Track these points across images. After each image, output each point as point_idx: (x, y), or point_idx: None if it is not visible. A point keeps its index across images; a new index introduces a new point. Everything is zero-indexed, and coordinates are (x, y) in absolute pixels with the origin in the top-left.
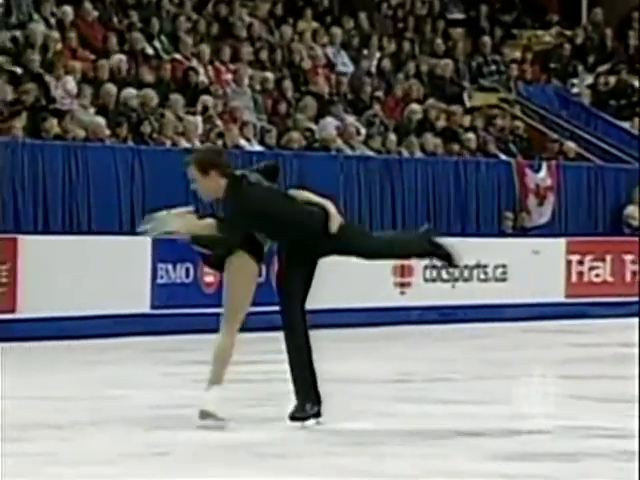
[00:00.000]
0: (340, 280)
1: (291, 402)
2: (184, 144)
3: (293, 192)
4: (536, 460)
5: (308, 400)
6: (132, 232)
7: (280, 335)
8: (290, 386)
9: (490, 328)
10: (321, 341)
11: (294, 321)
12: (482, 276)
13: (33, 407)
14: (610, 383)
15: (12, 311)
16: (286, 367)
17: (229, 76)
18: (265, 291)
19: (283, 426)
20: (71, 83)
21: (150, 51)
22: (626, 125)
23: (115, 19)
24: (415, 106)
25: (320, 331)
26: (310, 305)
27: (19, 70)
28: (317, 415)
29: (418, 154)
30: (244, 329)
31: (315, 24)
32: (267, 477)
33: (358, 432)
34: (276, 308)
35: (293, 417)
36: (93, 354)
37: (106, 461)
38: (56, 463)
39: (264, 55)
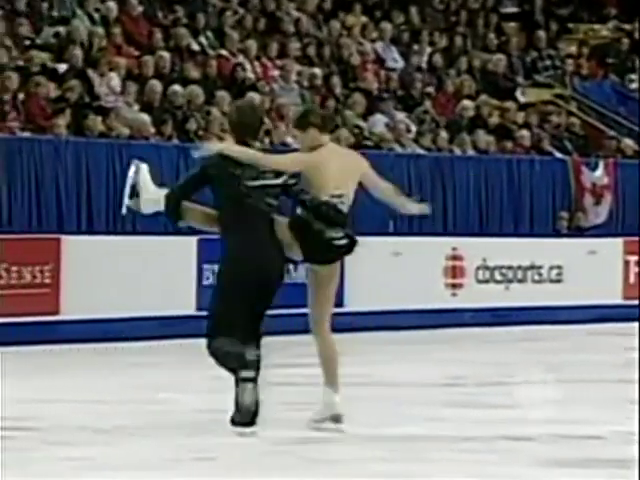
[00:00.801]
0: (390, 282)
1: (343, 407)
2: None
3: None
4: (588, 467)
5: None
6: (177, 232)
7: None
8: (346, 391)
9: (544, 331)
10: (371, 344)
11: None
12: (536, 277)
13: (77, 411)
14: None
15: (55, 313)
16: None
17: (276, 72)
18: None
19: (331, 431)
20: (115, 80)
21: (196, 47)
22: None
23: (160, 14)
24: (467, 102)
25: (370, 333)
26: (360, 308)
27: (63, 67)
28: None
29: (470, 152)
30: (288, 332)
31: (364, 19)
32: None
33: (407, 437)
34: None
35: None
36: (138, 357)
37: (151, 466)
38: (100, 468)
39: (312, 51)
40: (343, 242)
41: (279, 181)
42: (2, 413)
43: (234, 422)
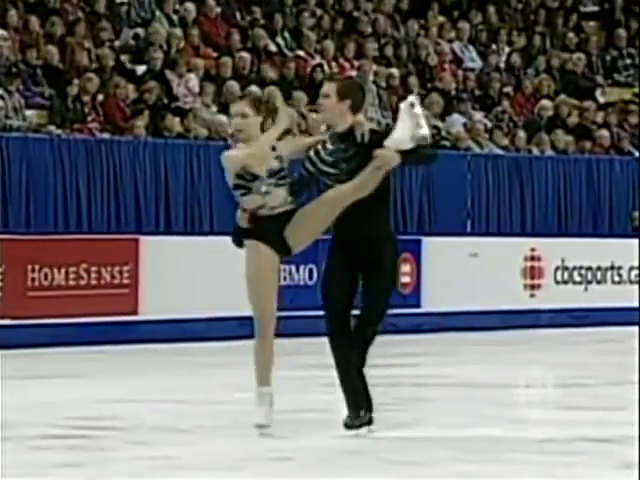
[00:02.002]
0: (467, 283)
1: (422, 407)
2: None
3: None
4: None
5: (360, 408)
6: None
7: (401, 339)
8: (425, 392)
9: (624, 332)
10: (450, 344)
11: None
12: (616, 278)
13: (156, 410)
14: None
15: (134, 313)
16: (413, 372)
17: (353, 73)
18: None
19: (411, 431)
20: (193, 81)
21: (273, 48)
22: None
23: (238, 15)
24: (546, 102)
25: (449, 334)
26: (437, 309)
27: (142, 68)
28: (369, 423)
29: (549, 152)
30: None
31: (442, 19)
32: None
33: (488, 438)
34: (394, 311)
35: (346, 426)
36: (216, 357)
37: (228, 467)
38: (179, 468)
39: (389, 51)
40: None
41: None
42: (83, 413)
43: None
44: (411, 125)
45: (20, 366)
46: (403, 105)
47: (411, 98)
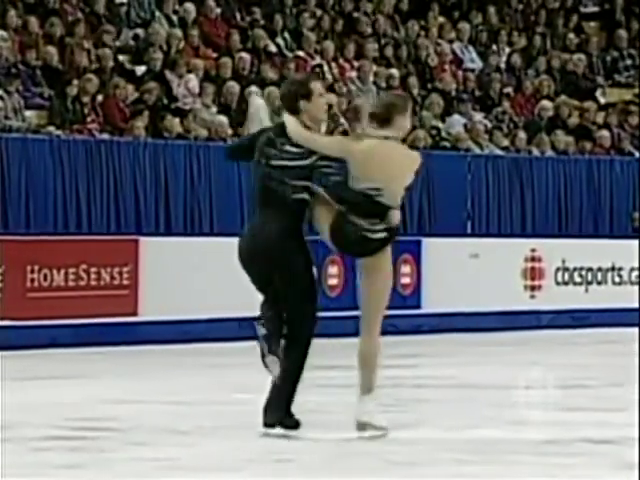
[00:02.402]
0: (468, 284)
1: (422, 409)
2: None
3: None
4: None
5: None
6: None
7: (401, 340)
8: (425, 393)
9: (625, 333)
10: (450, 345)
11: None
12: (617, 279)
13: (156, 411)
14: None
15: (134, 314)
16: (413, 373)
17: (353, 73)
18: None
19: (411, 433)
20: (193, 81)
21: (273, 48)
22: None
23: (238, 16)
24: (546, 103)
25: (449, 335)
26: (437, 309)
27: (141, 69)
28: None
29: (549, 153)
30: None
31: (442, 19)
32: None
33: (488, 440)
34: (394, 312)
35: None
36: (217, 358)
37: (229, 467)
38: (179, 468)
39: (389, 52)
40: (379, 235)
41: (305, 162)
42: (83, 414)
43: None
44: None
45: (20, 367)
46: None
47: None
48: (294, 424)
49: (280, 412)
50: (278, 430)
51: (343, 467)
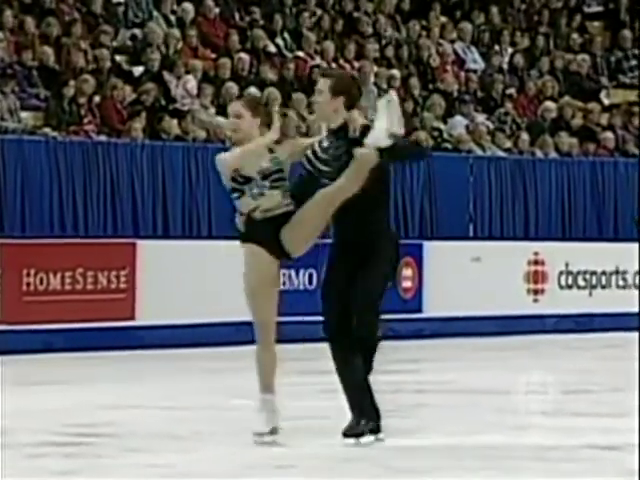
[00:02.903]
0: (470, 288)
1: (423, 414)
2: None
3: None
4: None
5: (363, 416)
6: None
7: (402, 345)
8: (426, 398)
9: (629, 338)
10: (452, 350)
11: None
12: (621, 282)
13: (153, 417)
14: None
15: (131, 318)
16: (414, 378)
17: (354, 74)
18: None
19: (413, 439)
20: (192, 82)
21: (272, 49)
22: None
23: (237, 16)
24: (549, 104)
25: (451, 340)
26: (439, 314)
27: (139, 70)
28: (375, 431)
29: (552, 154)
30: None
31: (444, 19)
32: None
33: (490, 445)
34: (395, 316)
35: (346, 434)
36: (214, 362)
37: (227, 474)
38: (175, 475)
39: (390, 52)
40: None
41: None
42: (79, 420)
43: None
44: (388, 122)
45: (15, 372)
46: (380, 102)
47: (388, 95)
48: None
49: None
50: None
51: (342, 473)
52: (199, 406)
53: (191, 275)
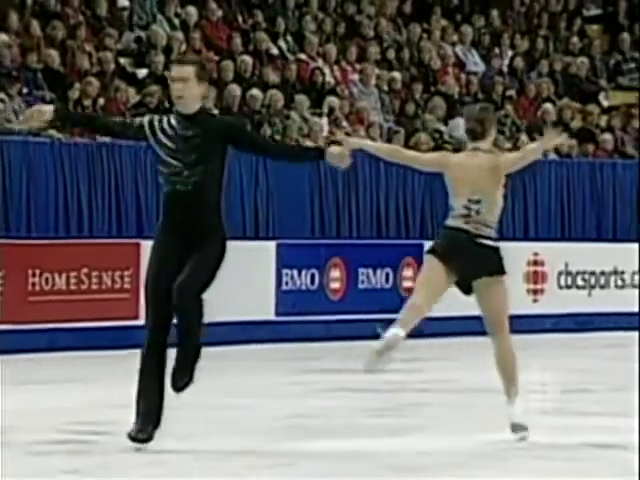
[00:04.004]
0: None
1: (425, 413)
2: (309, 145)
3: None
4: None
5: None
6: (256, 237)
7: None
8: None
9: (628, 337)
10: (452, 349)
11: None
12: (619, 283)
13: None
14: None
15: (135, 318)
16: (415, 377)
17: (356, 76)
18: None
19: (414, 437)
20: None
21: (275, 51)
22: None
23: (240, 19)
24: (549, 106)
25: (452, 339)
26: (441, 313)
27: (143, 72)
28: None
29: (552, 156)
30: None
31: (444, 22)
32: None
33: (490, 443)
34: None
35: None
36: (216, 361)
37: (229, 473)
38: (176, 474)
39: (392, 54)
40: None
41: None
42: (83, 418)
43: None
44: None
45: (20, 371)
46: None
47: None
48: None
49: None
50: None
51: (344, 472)
52: (199, 405)
53: None
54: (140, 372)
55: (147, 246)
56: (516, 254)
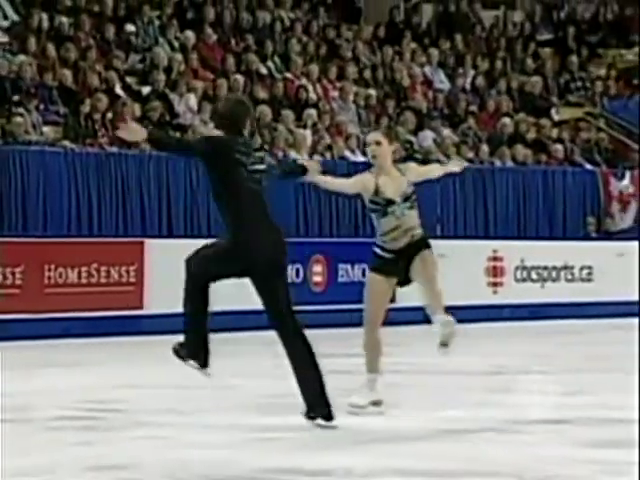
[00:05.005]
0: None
1: (397, 392)
2: (294, 155)
3: None
4: (623, 447)
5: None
6: None
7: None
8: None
9: (576, 325)
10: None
11: None
12: (569, 276)
13: (159, 395)
14: None
15: (139, 308)
16: (391, 360)
17: (336, 93)
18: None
19: (389, 414)
20: (193, 100)
21: (264, 71)
22: None
23: (232, 42)
24: (506, 120)
25: (422, 327)
26: (412, 303)
27: (146, 89)
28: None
29: (509, 164)
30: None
31: (414, 45)
32: (361, 460)
33: (454, 419)
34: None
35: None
36: (215, 346)
37: (227, 445)
38: (180, 446)
39: (367, 74)
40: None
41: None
42: (93, 397)
43: None
44: None
45: (38, 356)
46: None
47: None
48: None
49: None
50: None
51: (325, 442)
52: (202, 385)
53: None
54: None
55: (150, 244)
56: (478, 251)
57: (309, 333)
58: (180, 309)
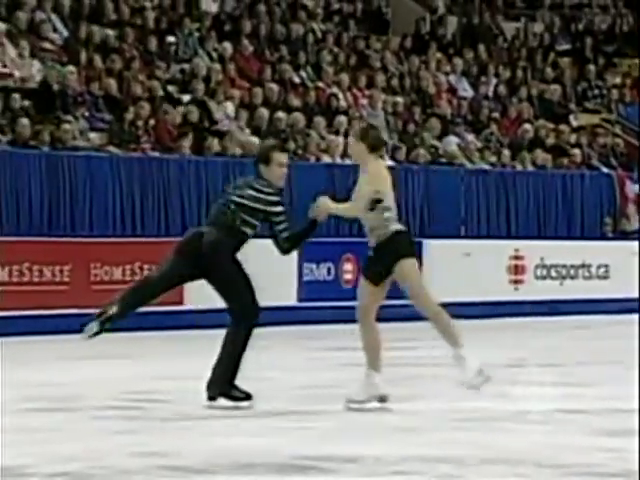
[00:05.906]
0: (462, 278)
1: (420, 384)
2: (326, 160)
3: None
4: (635, 435)
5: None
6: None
7: (404, 326)
8: (422, 371)
9: (593, 320)
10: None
11: None
12: (586, 274)
13: (199, 387)
14: None
15: (180, 303)
16: (413, 354)
17: (365, 101)
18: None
19: (411, 404)
20: (230, 108)
21: (297, 80)
22: None
23: (268, 53)
24: (527, 126)
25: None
26: (438, 300)
27: (187, 97)
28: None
29: (530, 168)
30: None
31: (439, 55)
32: (389, 448)
33: (474, 410)
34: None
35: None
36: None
37: (261, 433)
38: (218, 434)
39: (395, 82)
40: None
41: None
42: (137, 388)
43: None
44: None
45: (85, 349)
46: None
47: None
48: (244, 396)
49: (223, 386)
50: (224, 402)
51: (352, 433)
52: (238, 377)
53: None
54: None
55: None
56: (500, 250)
57: (341, 328)
58: (217, 304)
